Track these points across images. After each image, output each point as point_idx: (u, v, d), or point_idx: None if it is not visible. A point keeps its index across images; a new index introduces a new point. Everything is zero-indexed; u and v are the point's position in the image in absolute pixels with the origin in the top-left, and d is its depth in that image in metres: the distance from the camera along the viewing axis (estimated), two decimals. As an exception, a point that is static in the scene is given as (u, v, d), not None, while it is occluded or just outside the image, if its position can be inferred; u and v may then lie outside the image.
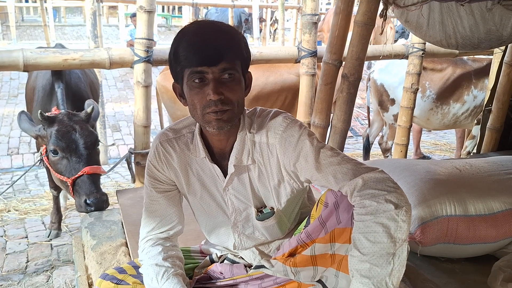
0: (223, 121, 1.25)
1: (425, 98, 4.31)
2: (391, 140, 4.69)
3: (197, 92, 1.23)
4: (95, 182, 2.66)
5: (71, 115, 2.77)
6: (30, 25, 14.82)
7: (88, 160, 2.68)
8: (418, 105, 4.12)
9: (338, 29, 2.72)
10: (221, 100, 1.21)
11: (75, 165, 2.65)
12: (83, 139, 2.69)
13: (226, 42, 1.22)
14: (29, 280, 2.94)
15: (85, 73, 3.47)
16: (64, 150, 2.66)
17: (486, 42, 2.22)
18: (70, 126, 2.70)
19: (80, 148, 2.68)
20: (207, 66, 1.20)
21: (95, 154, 2.76)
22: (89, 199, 2.59)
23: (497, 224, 1.97)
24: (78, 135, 2.69)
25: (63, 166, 2.70)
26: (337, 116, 2.73)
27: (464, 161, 2.40)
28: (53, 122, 2.69)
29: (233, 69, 1.23)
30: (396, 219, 1.11)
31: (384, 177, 1.18)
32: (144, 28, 2.93)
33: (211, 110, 1.23)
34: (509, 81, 3.48)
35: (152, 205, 1.46)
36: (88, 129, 2.74)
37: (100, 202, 2.60)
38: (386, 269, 1.11)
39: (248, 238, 1.48)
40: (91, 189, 2.61)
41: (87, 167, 2.64)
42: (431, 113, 4.35)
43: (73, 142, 2.66)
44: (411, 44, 3.89)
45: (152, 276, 1.38)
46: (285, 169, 1.34)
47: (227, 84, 1.23)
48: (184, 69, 1.23)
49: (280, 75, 4.09)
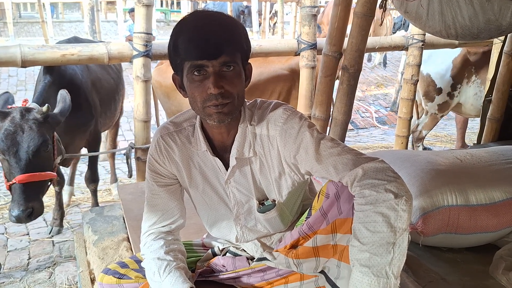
0: (224, 114, 1.25)
1: (471, 84, 4.42)
2: (427, 129, 4.82)
3: (198, 85, 1.23)
4: (26, 191, 2.43)
5: (25, 112, 2.50)
6: (28, 22, 14.76)
7: (27, 166, 2.44)
8: (463, 91, 4.38)
9: (338, 21, 2.71)
10: (221, 93, 1.21)
11: (13, 169, 2.44)
12: (26, 143, 2.44)
13: (226, 35, 1.21)
14: (31, 277, 2.94)
15: (87, 68, 3.34)
16: (4, 153, 2.45)
17: (486, 32, 2.21)
18: (19, 126, 2.45)
19: (21, 152, 2.44)
20: (207, 59, 1.19)
21: (39, 159, 2.50)
22: (12, 210, 2.40)
23: (498, 213, 1.98)
24: (22, 137, 2.44)
25: (5, 167, 2.51)
26: (338, 108, 2.73)
27: (465, 151, 2.40)
28: (5, 118, 2.47)
29: (233, 62, 1.22)
30: (396, 208, 1.11)
31: (384, 166, 1.18)
32: (143, 22, 2.92)
33: (211, 103, 1.22)
34: (509, 71, 3.47)
35: (154, 199, 1.46)
36: (34, 132, 2.47)
37: (21, 215, 2.39)
38: (386, 258, 1.11)
39: (250, 231, 1.48)
40: (18, 199, 2.41)
41: (19, 175, 2.41)
42: (475, 98, 4.42)
43: (15, 144, 2.43)
44: (411, 36, 3.89)
45: (154, 270, 1.38)
46: (285, 161, 1.34)
47: (227, 77, 1.22)
48: (184, 61, 1.23)
49: (274, 71, 4.08)
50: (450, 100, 4.50)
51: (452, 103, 4.53)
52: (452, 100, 4.50)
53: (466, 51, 4.38)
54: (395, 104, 7.51)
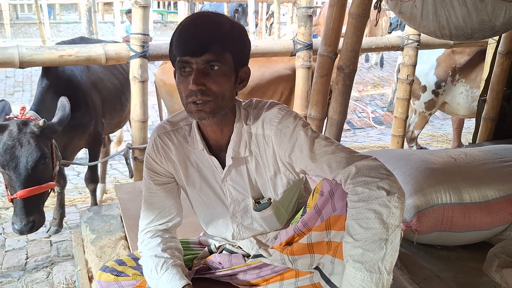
0: (204, 112, 1.25)
1: (456, 82, 4.44)
2: (418, 129, 4.83)
3: (182, 81, 1.25)
4: (27, 205, 2.51)
5: (23, 125, 2.51)
6: (25, 23, 14.72)
7: (26, 180, 2.49)
8: (448, 90, 4.41)
9: (333, 21, 2.74)
10: (201, 90, 1.22)
11: (13, 183, 2.50)
12: (24, 158, 2.47)
13: (213, 34, 1.22)
14: (29, 276, 2.95)
15: (88, 69, 3.33)
16: (5, 167, 2.49)
17: (480, 32, 2.23)
18: (17, 140, 2.48)
19: (20, 167, 2.48)
20: (191, 56, 1.22)
21: (37, 172, 2.54)
22: (15, 224, 2.50)
23: (492, 211, 1.99)
24: (20, 152, 2.47)
25: (6, 180, 2.56)
26: (333, 108, 2.75)
27: (459, 150, 2.42)
28: (3, 132, 2.49)
29: (218, 61, 1.23)
30: (388, 205, 1.13)
31: (377, 164, 1.20)
32: (140, 23, 2.94)
33: (191, 100, 1.24)
34: (503, 71, 3.51)
35: (151, 197, 1.48)
36: (32, 146, 2.49)
37: (23, 229, 2.50)
38: (378, 254, 1.12)
39: (247, 229, 1.50)
40: (20, 214, 2.50)
41: (20, 191, 2.47)
42: (461, 97, 4.45)
43: (14, 159, 2.47)
44: (406, 36, 3.91)
45: (151, 267, 1.40)
46: (280, 160, 1.36)
47: (211, 75, 1.23)
48: (175, 57, 1.26)
49: (276, 70, 4.10)
50: (436, 98, 4.52)
51: (438, 101, 4.55)
52: (438, 98, 4.52)
53: (450, 50, 4.40)
54: (391, 104, 7.52)
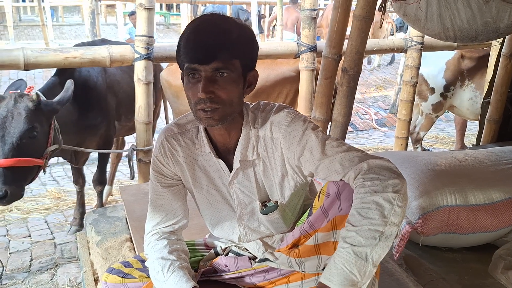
0: (213, 119, 1.26)
1: (465, 87, 4.42)
2: (424, 131, 4.83)
3: (191, 87, 1.25)
4: (6, 174, 2.52)
5: (19, 98, 2.61)
6: (28, 25, 14.78)
7: (9, 150, 2.53)
8: (457, 94, 4.39)
9: (337, 23, 2.74)
10: (210, 98, 1.22)
11: None
12: (12, 128, 2.54)
13: (221, 41, 1.22)
14: (33, 278, 2.96)
15: (105, 71, 3.36)
16: None
17: (484, 34, 2.23)
18: (10, 111, 2.56)
19: (6, 136, 2.54)
20: (199, 64, 1.21)
21: (23, 145, 2.58)
22: None
23: (497, 213, 1.99)
24: (9, 122, 2.55)
25: None
26: (337, 109, 2.75)
27: (464, 152, 2.42)
28: (1, 102, 2.60)
29: (226, 69, 1.23)
30: (392, 202, 1.14)
31: (389, 165, 1.21)
32: (144, 26, 2.95)
33: (200, 107, 1.24)
34: (507, 73, 3.50)
35: (158, 199, 1.48)
36: (21, 117, 2.56)
37: None
38: (369, 242, 1.12)
39: (253, 231, 1.50)
40: None
41: (1, 159, 2.51)
42: (471, 103, 4.43)
43: (3, 128, 2.54)
44: (410, 38, 3.92)
45: (158, 269, 1.40)
46: (289, 163, 1.36)
47: (219, 82, 1.23)
48: (183, 63, 1.26)
49: (281, 72, 4.10)
50: (444, 101, 4.51)
51: (445, 104, 4.55)
52: (446, 101, 4.52)
53: (460, 55, 4.40)
54: (394, 106, 7.53)
